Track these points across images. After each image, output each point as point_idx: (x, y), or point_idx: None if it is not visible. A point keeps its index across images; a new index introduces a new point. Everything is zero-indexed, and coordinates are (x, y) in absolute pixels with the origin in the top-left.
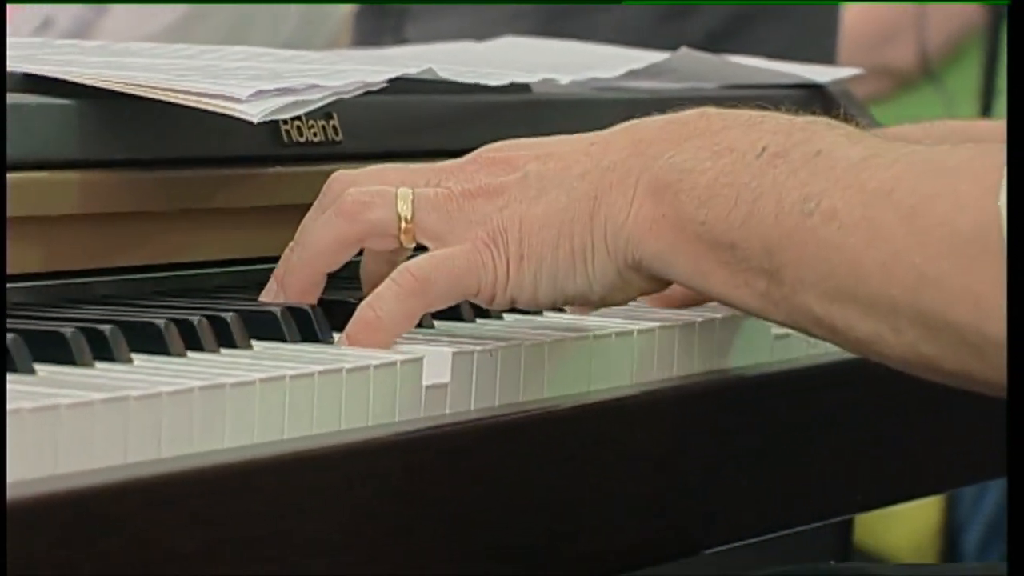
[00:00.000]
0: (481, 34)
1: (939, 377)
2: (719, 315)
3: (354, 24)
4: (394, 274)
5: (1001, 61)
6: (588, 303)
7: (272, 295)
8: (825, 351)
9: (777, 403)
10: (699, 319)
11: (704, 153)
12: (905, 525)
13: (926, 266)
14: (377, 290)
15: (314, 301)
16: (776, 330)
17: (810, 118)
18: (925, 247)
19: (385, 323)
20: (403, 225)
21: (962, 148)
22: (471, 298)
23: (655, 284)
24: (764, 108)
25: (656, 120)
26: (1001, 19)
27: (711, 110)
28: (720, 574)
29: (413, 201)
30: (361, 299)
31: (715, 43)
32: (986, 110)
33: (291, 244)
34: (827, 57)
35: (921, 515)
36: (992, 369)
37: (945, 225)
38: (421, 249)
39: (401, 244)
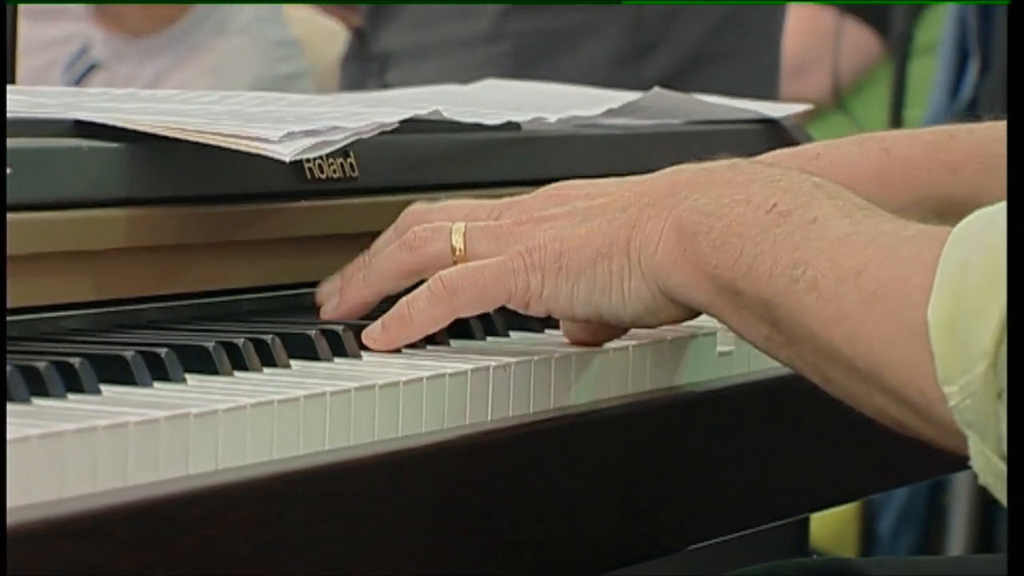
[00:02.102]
0: (456, 79)
1: (909, 434)
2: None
3: (340, 70)
4: (430, 281)
5: (907, 94)
6: (621, 322)
7: (332, 308)
8: (769, 366)
9: (729, 414)
10: (648, 341)
11: (725, 200)
12: (825, 514)
13: (882, 352)
14: (414, 292)
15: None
16: (721, 347)
17: (819, 181)
18: (880, 335)
19: (415, 322)
20: (457, 255)
21: (922, 234)
22: (504, 304)
23: (685, 312)
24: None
25: (694, 167)
26: (908, 54)
27: (742, 162)
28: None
29: (465, 234)
30: None
31: (668, 84)
32: None
33: (357, 261)
34: (770, 94)
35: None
36: (947, 439)
37: (895, 316)
38: None
39: None
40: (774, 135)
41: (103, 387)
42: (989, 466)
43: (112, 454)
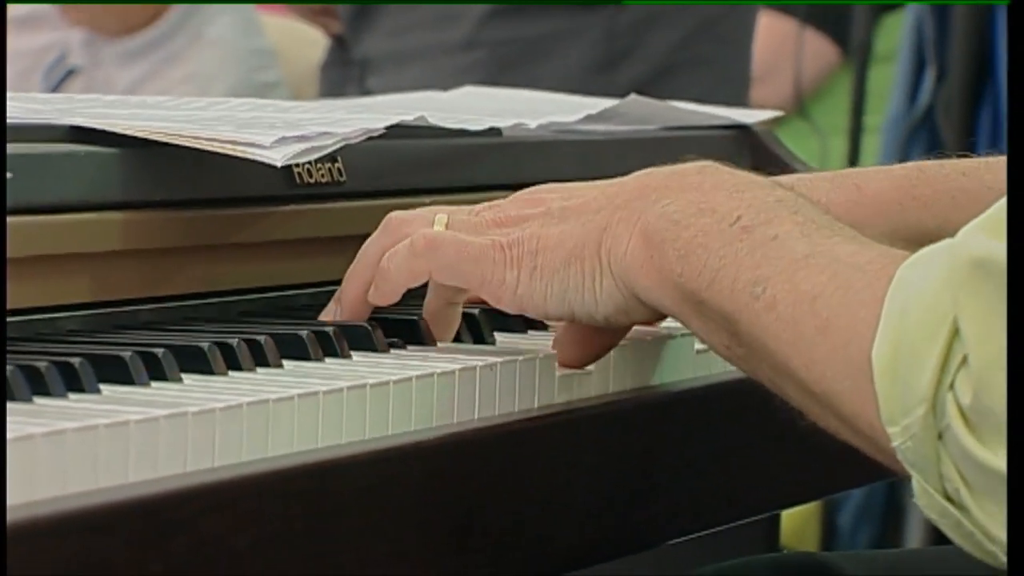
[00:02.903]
0: (435, 85)
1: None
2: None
3: (320, 76)
4: (412, 236)
5: (868, 101)
6: (594, 321)
7: (332, 314)
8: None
9: (706, 412)
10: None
11: (691, 209)
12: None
13: (834, 382)
14: (395, 247)
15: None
16: (698, 345)
17: (783, 195)
18: (832, 363)
19: (393, 275)
20: None
21: (875, 262)
22: (475, 289)
23: (655, 313)
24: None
25: (664, 170)
26: (867, 62)
27: (711, 166)
28: (664, 573)
29: (448, 225)
30: (377, 321)
31: (641, 91)
32: (855, 147)
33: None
34: (740, 100)
35: None
36: (901, 468)
37: (844, 349)
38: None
39: None
40: (745, 140)
41: (102, 386)
42: (933, 504)
43: (113, 452)
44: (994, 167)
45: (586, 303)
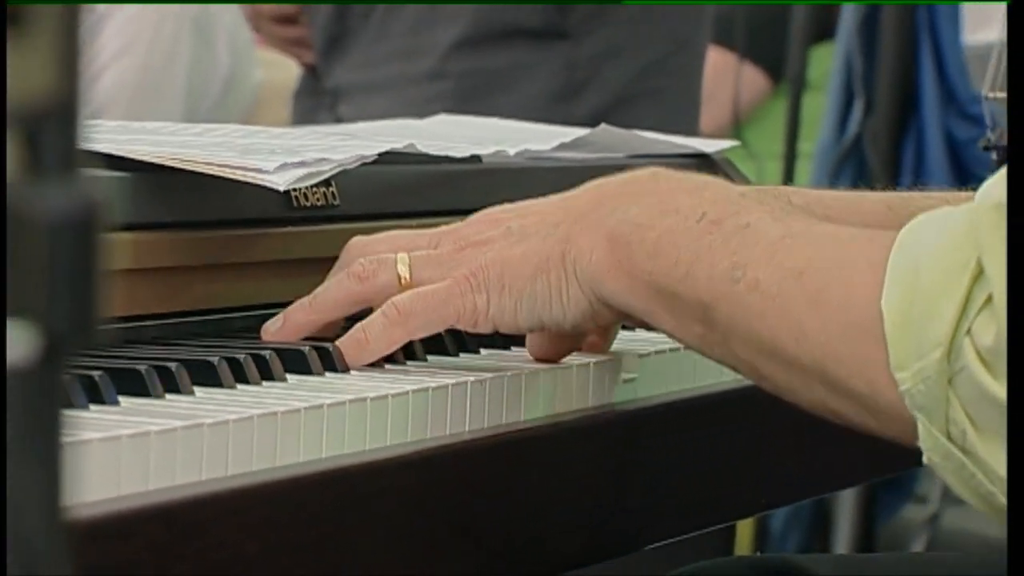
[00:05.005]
0: (403, 113)
1: (844, 423)
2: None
3: (293, 103)
4: (384, 307)
5: (802, 128)
6: (562, 330)
7: (274, 329)
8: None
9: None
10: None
11: (654, 211)
12: None
13: (828, 346)
14: (369, 318)
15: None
16: (625, 375)
17: (744, 189)
18: (826, 330)
19: (371, 346)
20: (403, 283)
21: (860, 236)
22: (453, 325)
23: (621, 316)
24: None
25: (617, 179)
26: (802, 89)
27: (662, 171)
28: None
29: (410, 264)
30: None
31: (599, 120)
32: (789, 171)
33: (311, 296)
34: (692, 130)
35: None
36: (888, 426)
37: (841, 312)
38: None
39: None
40: (706, 168)
41: (121, 399)
42: (937, 446)
43: (134, 461)
44: (962, 198)
45: (554, 313)
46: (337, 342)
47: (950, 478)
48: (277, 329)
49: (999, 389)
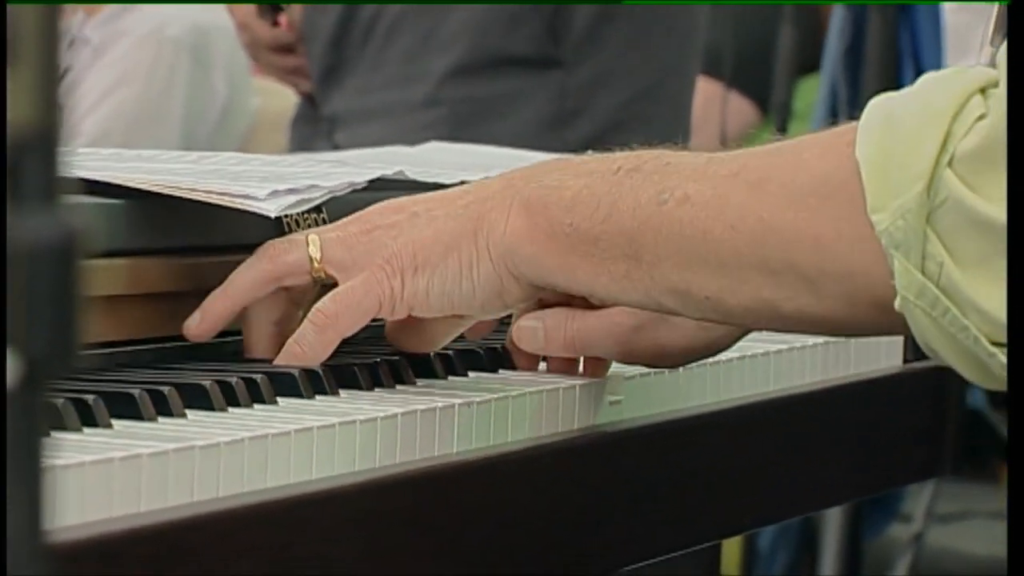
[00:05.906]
0: (398, 140)
1: (777, 323)
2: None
3: (291, 130)
4: (310, 315)
5: None
6: (471, 311)
7: (195, 324)
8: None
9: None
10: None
11: (567, 176)
12: None
13: (770, 219)
14: (300, 330)
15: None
16: (610, 397)
17: (657, 152)
18: (770, 204)
19: (308, 355)
20: (315, 264)
21: (785, 145)
22: (380, 315)
23: (530, 291)
24: None
25: (525, 167)
26: (788, 118)
27: (571, 156)
28: None
29: (321, 245)
30: (362, 363)
31: (591, 147)
32: None
33: (224, 283)
34: None
35: None
36: (827, 304)
37: (788, 184)
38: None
39: (313, 280)
40: None
41: (114, 421)
42: (912, 282)
43: (127, 483)
44: None
45: (464, 292)
46: (276, 359)
47: (922, 320)
48: (197, 323)
49: (991, 208)
